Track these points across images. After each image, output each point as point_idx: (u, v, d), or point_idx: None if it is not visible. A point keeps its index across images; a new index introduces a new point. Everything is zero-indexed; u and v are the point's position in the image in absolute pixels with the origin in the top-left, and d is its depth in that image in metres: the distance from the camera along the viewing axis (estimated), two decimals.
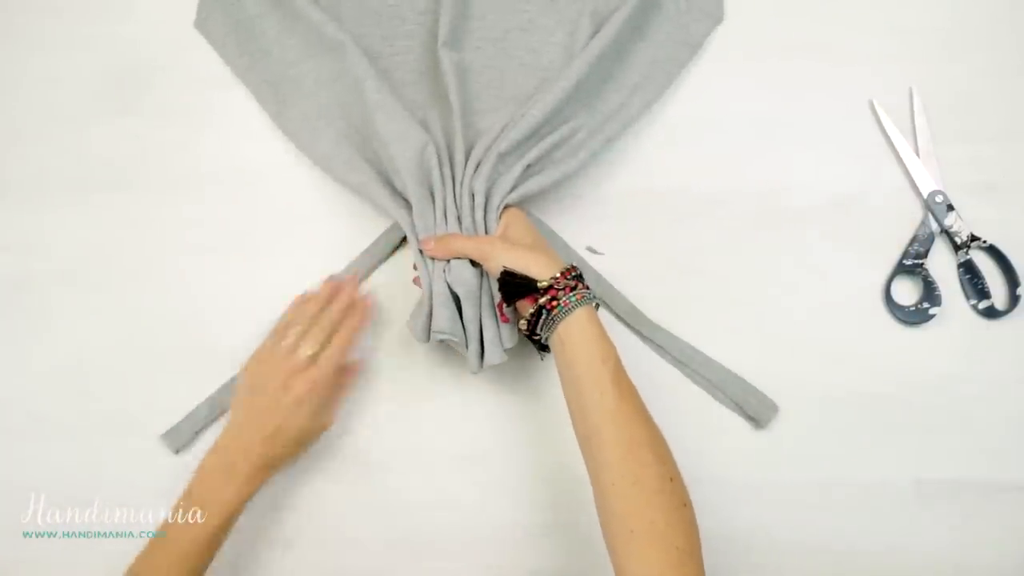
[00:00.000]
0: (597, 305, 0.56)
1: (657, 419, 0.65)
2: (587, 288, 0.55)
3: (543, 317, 0.54)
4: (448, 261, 0.61)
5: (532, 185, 0.64)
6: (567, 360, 0.53)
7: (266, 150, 0.72)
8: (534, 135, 0.65)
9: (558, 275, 0.55)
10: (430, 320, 0.61)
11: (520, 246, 0.58)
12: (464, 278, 0.60)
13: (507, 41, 0.72)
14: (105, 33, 0.76)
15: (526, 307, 0.56)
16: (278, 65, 0.72)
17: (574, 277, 0.55)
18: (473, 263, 0.61)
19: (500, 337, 0.60)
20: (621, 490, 0.49)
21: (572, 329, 0.53)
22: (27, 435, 0.66)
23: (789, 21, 0.74)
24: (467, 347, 0.60)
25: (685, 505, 0.50)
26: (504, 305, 0.59)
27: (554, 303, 0.54)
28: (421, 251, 0.63)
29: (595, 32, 0.69)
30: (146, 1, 0.76)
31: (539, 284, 0.55)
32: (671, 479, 0.50)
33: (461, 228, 0.63)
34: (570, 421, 0.55)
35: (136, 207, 0.71)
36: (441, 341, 0.61)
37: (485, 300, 0.61)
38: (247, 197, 0.71)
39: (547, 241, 0.64)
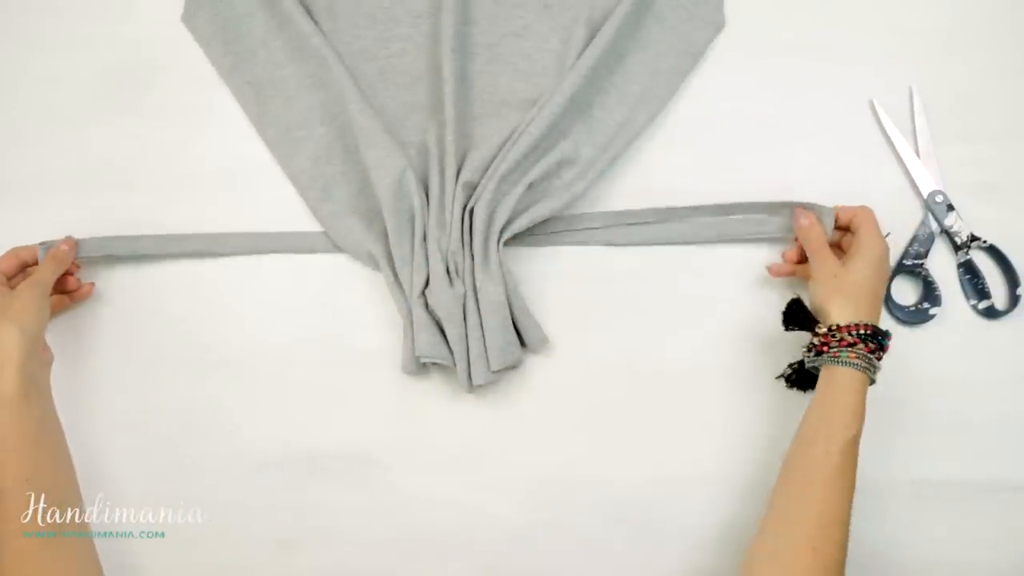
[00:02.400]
0: (872, 381, 0.55)
1: (659, 417, 0.66)
2: (872, 355, 0.54)
3: (812, 351, 0.56)
4: (426, 284, 0.62)
5: (542, 209, 0.64)
6: (817, 402, 0.54)
7: (266, 150, 0.71)
8: (533, 151, 0.65)
9: (844, 325, 0.54)
10: (413, 348, 0.61)
11: (840, 289, 0.56)
12: (443, 300, 0.61)
13: (501, 47, 0.72)
14: (105, 33, 0.76)
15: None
16: (263, 67, 0.72)
17: (863, 336, 0.54)
18: (452, 284, 0.62)
19: (487, 358, 0.61)
20: (799, 549, 0.51)
21: (836, 376, 0.54)
22: None
23: (789, 21, 0.74)
24: (455, 367, 0.61)
25: None
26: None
27: (824, 347, 0.54)
28: (397, 279, 0.63)
29: (590, 40, 0.69)
30: (146, 1, 0.76)
31: (817, 329, 0.55)
32: (840, 563, 0.52)
33: (441, 254, 0.63)
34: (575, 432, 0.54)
35: (136, 207, 0.71)
36: (435, 364, 0.62)
37: (471, 320, 0.62)
38: (247, 197, 0.71)
39: (882, 291, 0.59)
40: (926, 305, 0.66)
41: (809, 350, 0.57)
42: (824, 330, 0.55)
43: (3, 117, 0.74)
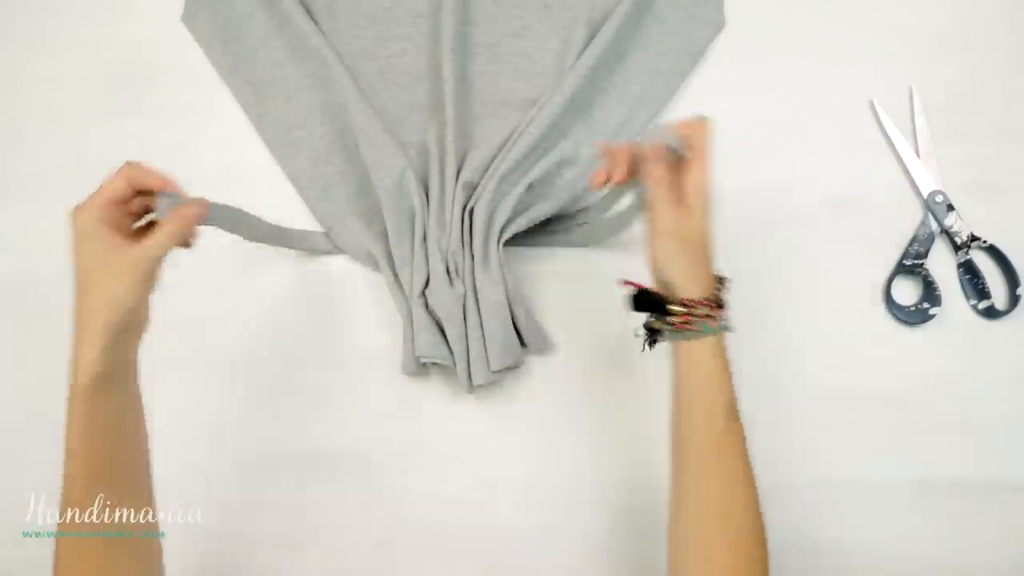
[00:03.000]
0: (730, 328, 0.51)
1: (658, 418, 0.65)
2: (724, 310, 0.51)
3: (670, 330, 0.51)
4: (426, 284, 0.62)
5: (542, 209, 0.64)
6: (681, 382, 0.51)
7: (266, 150, 0.72)
8: (533, 151, 0.65)
9: (699, 299, 0.49)
10: (413, 348, 0.61)
11: (683, 249, 0.49)
12: (443, 300, 0.61)
13: (501, 47, 0.72)
14: (105, 33, 0.76)
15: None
16: (263, 67, 0.72)
17: (717, 302, 0.50)
18: (452, 284, 0.61)
19: (487, 357, 0.61)
20: (708, 520, 0.50)
21: (692, 355, 0.50)
22: (27, 435, 0.66)
23: (789, 21, 0.74)
24: (455, 367, 0.61)
25: (763, 544, 0.50)
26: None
27: (686, 326, 0.49)
28: (397, 279, 0.63)
29: (590, 40, 0.69)
30: (146, 1, 0.76)
31: (673, 309, 0.50)
32: (756, 524, 0.50)
33: (441, 254, 0.63)
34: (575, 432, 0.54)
35: None
36: (435, 364, 0.62)
37: (471, 320, 0.62)
38: (247, 197, 0.71)
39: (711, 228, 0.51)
40: (926, 305, 0.66)
41: (656, 328, 0.52)
42: (681, 310, 0.49)
43: (3, 117, 0.74)
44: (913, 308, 0.66)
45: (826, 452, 0.64)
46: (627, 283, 0.53)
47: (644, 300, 0.52)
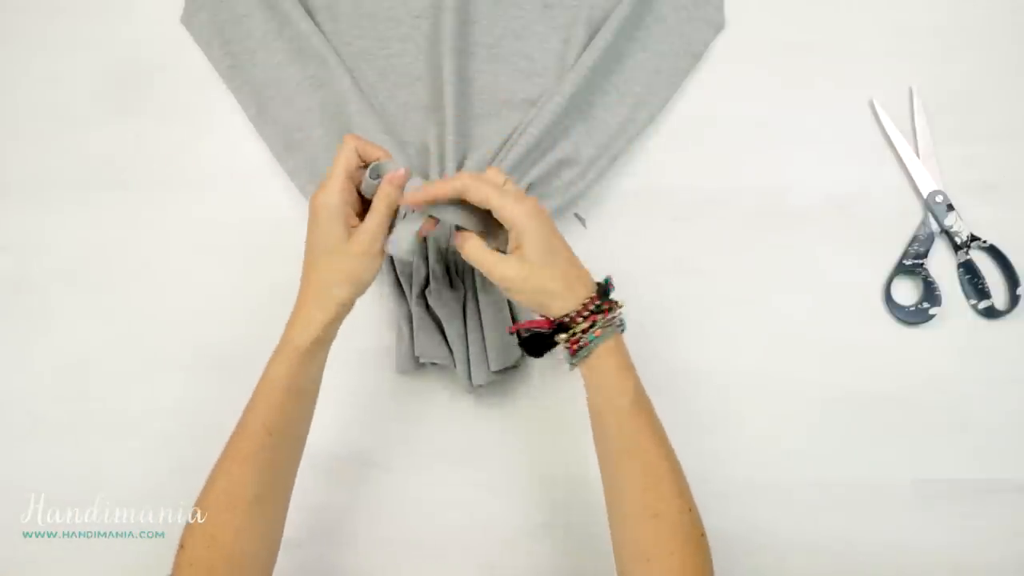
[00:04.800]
0: (618, 327, 0.52)
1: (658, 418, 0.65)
2: (609, 309, 0.51)
3: (568, 358, 0.52)
4: (426, 284, 0.61)
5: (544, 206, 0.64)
6: (588, 391, 0.52)
7: (266, 149, 0.71)
8: (533, 151, 0.65)
9: (576, 310, 0.50)
10: (412, 348, 0.61)
11: (538, 273, 0.50)
12: (443, 300, 0.61)
13: (500, 47, 0.72)
14: (105, 33, 0.76)
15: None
16: (262, 68, 0.72)
17: (596, 308, 0.50)
18: (452, 284, 0.61)
19: (487, 358, 0.61)
20: (640, 521, 0.50)
21: (589, 366, 0.51)
22: (27, 435, 0.66)
23: (789, 21, 0.74)
24: (455, 367, 0.61)
25: (702, 535, 0.51)
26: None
27: (576, 347, 0.50)
28: (397, 279, 0.63)
29: (590, 40, 0.69)
30: (146, 1, 0.76)
31: (558, 338, 0.51)
32: (689, 510, 0.51)
33: (441, 254, 0.63)
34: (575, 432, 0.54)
35: (136, 207, 0.71)
36: (434, 364, 0.62)
37: (471, 321, 0.62)
38: (247, 197, 0.71)
39: (566, 246, 0.53)
40: (926, 305, 0.66)
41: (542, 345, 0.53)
42: (565, 336, 0.50)
43: (3, 117, 0.74)
44: (913, 308, 0.66)
45: (826, 452, 0.64)
46: (514, 329, 0.54)
47: (533, 342, 0.53)
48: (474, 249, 0.51)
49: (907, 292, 0.67)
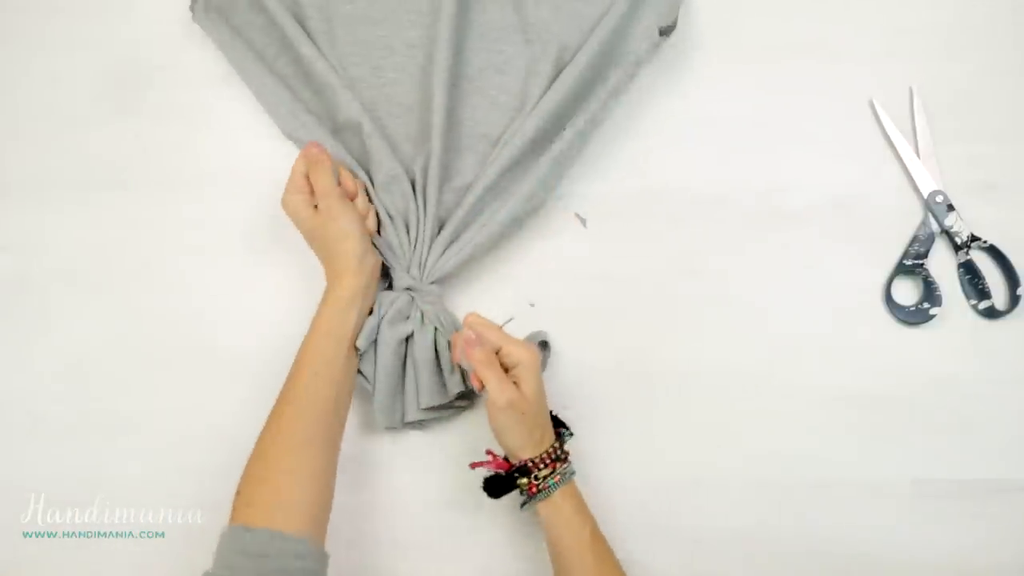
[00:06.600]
0: (572, 473, 0.58)
1: (657, 419, 0.66)
2: (564, 460, 0.58)
3: (526, 498, 0.57)
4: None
5: (464, 246, 0.65)
6: (548, 530, 0.57)
7: (266, 149, 0.72)
8: (488, 192, 0.66)
9: (539, 457, 0.56)
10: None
11: (520, 419, 0.56)
12: (387, 337, 0.62)
13: (482, 80, 0.70)
14: (105, 33, 0.76)
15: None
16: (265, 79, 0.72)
17: (556, 457, 0.57)
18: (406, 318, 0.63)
19: (418, 396, 0.62)
20: None
21: (550, 508, 0.56)
22: (27, 435, 0.66)
23: (789, 21, 0.74)
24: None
25: None
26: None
27: (535, 491, 0.56)
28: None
29: (555, 77, 0.68)
30: (146, 1, 0.76)
31: (519, 481, 0.57)
32: None
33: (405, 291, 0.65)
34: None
35: (136, 207, 0.71)
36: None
37: (408, 361, 0.63)
38: (247, 197, 0.71)
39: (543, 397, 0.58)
40: (926, 305, 0.66)
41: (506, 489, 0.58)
42: (525, 481, 0.56)
43: (3, 117, 0.74)
44: (913, 308, 0.66)
45: (825, 452, 0.64)
46: (475, 465, 0.59)
47: (495, 484, 0.58)
48: (484, 362, 0.56)
49: (907, 292, 0.67)
